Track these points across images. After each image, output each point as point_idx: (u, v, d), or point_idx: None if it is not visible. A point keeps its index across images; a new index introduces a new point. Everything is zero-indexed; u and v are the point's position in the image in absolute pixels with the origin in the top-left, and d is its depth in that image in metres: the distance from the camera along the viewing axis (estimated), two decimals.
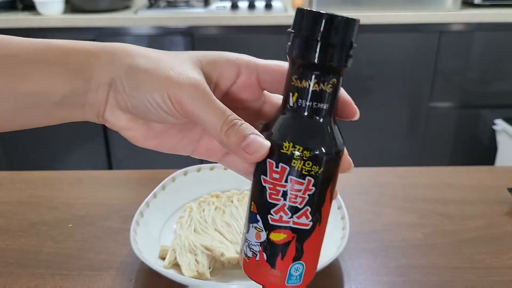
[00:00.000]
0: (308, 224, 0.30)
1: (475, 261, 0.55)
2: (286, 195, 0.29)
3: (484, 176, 0.76)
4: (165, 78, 0.29)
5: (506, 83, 1.84)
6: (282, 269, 0.31)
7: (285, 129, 0.29)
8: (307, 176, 0.29)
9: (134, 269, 0.53)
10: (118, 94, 0.31)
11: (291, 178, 0.29)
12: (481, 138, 1.90)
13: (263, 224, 0.30)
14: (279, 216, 0.30)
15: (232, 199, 0.64)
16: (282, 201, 0.29)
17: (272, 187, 0.29)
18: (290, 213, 0.30)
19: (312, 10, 0.28)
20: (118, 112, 0.31)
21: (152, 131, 0.33)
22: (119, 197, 0.71)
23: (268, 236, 0.30)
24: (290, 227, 0.30)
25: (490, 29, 1.75)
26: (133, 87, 0.30)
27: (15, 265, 0.55)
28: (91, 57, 0.31)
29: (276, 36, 1.75)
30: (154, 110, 0.30)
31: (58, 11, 1.76)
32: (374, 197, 0.70)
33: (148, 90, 0.30)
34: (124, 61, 0.31)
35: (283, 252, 0.30)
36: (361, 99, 1.81)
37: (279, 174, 0.29)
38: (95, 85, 0.31)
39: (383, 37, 1.76)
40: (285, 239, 0.30)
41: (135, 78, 0.30)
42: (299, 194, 0.29)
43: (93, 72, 0.30)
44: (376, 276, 0.53)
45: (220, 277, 0.52)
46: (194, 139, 0.35)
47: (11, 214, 0.66)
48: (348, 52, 0.28)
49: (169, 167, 0.71)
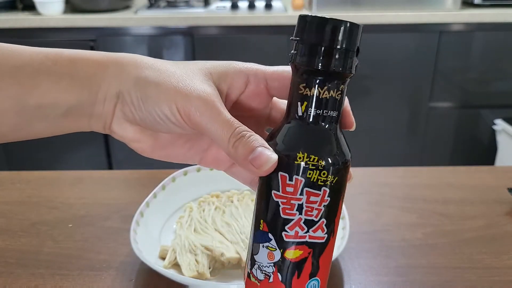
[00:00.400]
0: (324, 237, 0.29)
1: (475, 261, 0.55)
2: (301, 209, 0.28)
3: (484, 176, 0.76)
4: (173, 91, 0.29)
5: (506, 83, 1.84)
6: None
7: (296, 140, 0.28)
8: (323, 186, 0.28)
9: (134, 269, 0.53)
10: (126, 106, 0.30)
11: (306, 190, 0.28)
12: (481, 138, 1.90)
13: (277, 243, 0.29)
14: (294, 232, 0.28)
15: (232, 199, 0.64)
16: (297, 216, 0.28)
17: (286, 201, 0.28)
18: (306, 228, 0.28)
19: (317, 16, 0.27)
20: (126, 124, 0.31)
21: (160, 142, 0.33)
22: (119, 197, 0.71)
23: (283, 255, 0.29)
24: (306, 242, 0.28)
25: (490, 29, 1.75)
26: (142, 99, 0.30)
27: (15, 265, 0.55)
28: (99, 68, 0.31)
29: (276, 36, 1.75)
30: (163, 122, 0.30)
31: (58, 11, 1.76)
32: (374, 197, 0.70)
33: (157, 102, 0.29)
34: (132, 73, 0.30)
35: (299, 269, 0.29)
36: (361, 99, 1.81)
37: (293, 187, 0.28)
38: (102, 97, 0.30)
39: (383, 37, 1.76)
40: (301, 256, 0.29)
41: (144, 90, 0.30)
42: (315, 206, 0.28)
43: (100, 84, 0.30)
44: (376, 276, 0.53)
45: (220, 277, 0.52)
46: (202, 149, 0.35)
47: (11, 214, 0.66)
48: (356, 58, 0.28)
49: (169, 167, 0.71)
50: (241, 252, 0.52)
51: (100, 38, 1.73)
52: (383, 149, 1.90)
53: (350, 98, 0.32)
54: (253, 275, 0.30)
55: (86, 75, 0.30)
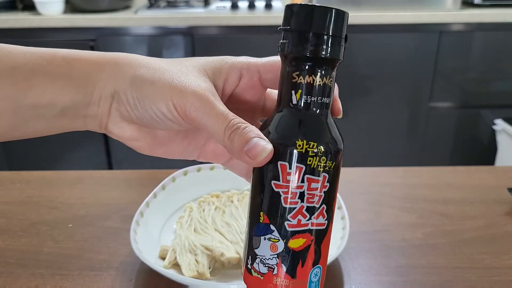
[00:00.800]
0: (325, 223, 0.29)
1: (475, 261, 0.55)
2: (303, 196, 0.28)
3: (484, 176, 0.76)
4: (169, 88, 0.30)
5: (506, 83, 1.84)
6: (303, 276, 0.29)
7: (293, 128, 0.29)
8: (322, 172, 0.28)
9: (134, 269, 0.53)
10: (122, 106, 0.31)
11: (307, 177, 0.28)
12: (481, 138, 1.90)
13: (279, 233, 0.29)
14: (297, 221, 0.28)
15: (232, 199, 0.64)
16: (299, 204, 0.28)
17: (287, 190, 0.28)
18: (308, 215, 0.28)
19: (303, 3, 0.28)
20: (122, 123, 0.31)
21: (158, 139, 0.33)
22: (119, 197, 0.71)
23: (286, 245, 0.29)
24: (309, 230, 0.29)
25: (490, 29, 1.75)
26: (138, 98, 0.30)
27: (15, 265, 0.55)
28: (94, 68, 0.31)
29: (276, 36, 1.75)
30: (160, 119, 0.30)
31: (58, 11, 1.76)
32: (374, 197, 0.70)
33: (153, 100, 0.30)
34: (127, 72, 0.31)
35: (303, 258, 0.29)
36: (361, 99, 1.81)
37: (294, 176, 0.28)
38: (97, 97, 0.31)
39: (383, 37, 1.76)
40: (305, 244, 0.29)
41: (140, 89, 0.30)
42: (316, 192, 0.28)
43: (96, 84, 0.30)
44: (376, 276, 0.53)
45: (220, 277, 0.52)
46: (200, 144, 0.35)
47: (11, 214, 0.66)
48: (345, 44, 0.29)
49: (169, 167, 0.71)
50: (241, 252, 0.52)
51: (100, 38, 1.73)
52: (383, 149, 1.90)
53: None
54: (254, 270, 0.30)
55: (81, 75, 0.30)
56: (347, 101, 1.80)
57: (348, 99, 1.79)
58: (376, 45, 1.76)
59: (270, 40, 1.76)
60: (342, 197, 0.59)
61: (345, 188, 0.68)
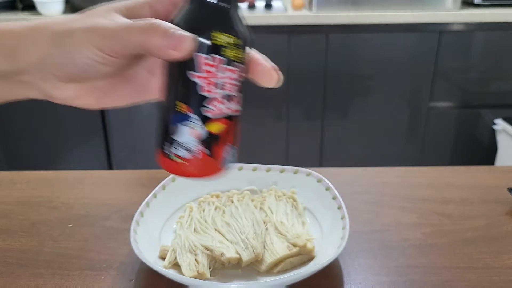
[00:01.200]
0: (238, 110, 0.33)
1: (475, 261, 0.55)
2: (220, 85, 0.31)
3: (484, 176, 0.76)
4: (86, 33, 0.30)
5: (506, 83, 1.84)
6: (220, 156, 0.33)
7: (207, 20, 0.30)
8: (237, 63, 0.31)
9: (134, 269, 0.53)
10: (52, 67, 0.32)
11: (224, 67, 0.30)
12: (481, 138, 1.91)
13: (200, 119, 0.31)
14: (215, 107, 0.31)
15: (232, 199, 0.64)
16: (218, 92, 0.31)
17: (206, 80, 0.30)
18: (226, 102, 0.31)
19: None
20: (60, 84, 0.32)
21: (100, 90, 0.34)
22: (119, 197, 0.71)
23: (207, 129, 0.32)
24: (227, 115, 0.32)
25: (490, 29, 1.75)
26: (62, 54, 0.31)
27: (15, 265, 0.55)
28: (17, 39, 0.32)
29: (276, 36, 1.75)
30: (90, 66, 0.31)
31: (58, 11, 1.76)
32: (374, 197, 0.70)
33: (77, 49, 0.31)
34: (45, 34, 0.32)
35: (222, 140, 0.33)
36: (361, 99, 1.81)
37: (212, 66, 0.30)
38: (23, 66, 0.32)
39: (383, 37, 1.76)
40: (225, 129, 0.32)
41: (61, 44, 0.31)
42: (232, 81, 0.31)
43: (22, 53, 0.32)
44: (376, 276, 0.53)
45: (220, 277, 0.52)
46: (143, 83, 0.36)
47: (11, 214, 0.66)
48: None
49: None
50: (241, 252, 0.52)
51: None
52: (383, 149, 1.90)
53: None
54: (174, 154, 0.32)
55: (7, 47, 0.32)
56: (347, 101, 1.80)
57: (348, 99, 1.79)
58: (376, 45, 1.76)
59: (270, 40, 1.76)
60: (342, 197, 0.59)
61: (345, 188, 0.68)
